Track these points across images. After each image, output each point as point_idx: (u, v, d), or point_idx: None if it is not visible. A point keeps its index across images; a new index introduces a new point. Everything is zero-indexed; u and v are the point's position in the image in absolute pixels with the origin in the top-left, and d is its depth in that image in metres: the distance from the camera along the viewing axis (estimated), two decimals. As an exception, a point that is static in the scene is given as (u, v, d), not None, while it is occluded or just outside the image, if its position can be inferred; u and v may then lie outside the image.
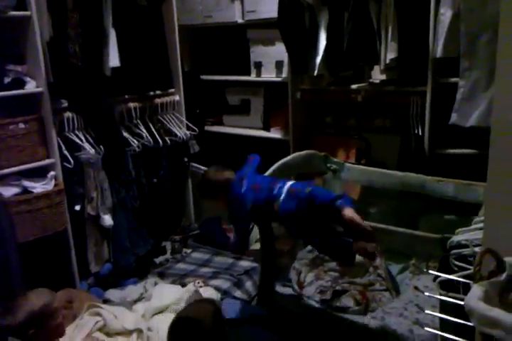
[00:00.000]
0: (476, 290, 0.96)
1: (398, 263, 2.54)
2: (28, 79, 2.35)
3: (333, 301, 2.25)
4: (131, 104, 2.81)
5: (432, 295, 1.19)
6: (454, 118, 2.42)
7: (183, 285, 2.56)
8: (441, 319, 1.53)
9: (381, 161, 2.81)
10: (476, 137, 2.52)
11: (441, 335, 1.69)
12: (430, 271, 1.28)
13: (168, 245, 3.09)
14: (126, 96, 2.83)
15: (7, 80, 2.31)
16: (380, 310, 2.15)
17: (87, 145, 2.53)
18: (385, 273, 2.40)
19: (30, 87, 2.35)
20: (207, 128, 3.54)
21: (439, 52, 2.41)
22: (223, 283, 2.56)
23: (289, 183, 1.98)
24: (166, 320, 2.21)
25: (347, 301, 2.24)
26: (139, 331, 2.17)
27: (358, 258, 2.43)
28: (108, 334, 2.14)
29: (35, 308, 1.73)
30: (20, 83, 2.33)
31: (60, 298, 2.29)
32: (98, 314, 2.23)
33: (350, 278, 2.38)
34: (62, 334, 1.83)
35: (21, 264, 2.22)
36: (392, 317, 2.06)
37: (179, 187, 3.20)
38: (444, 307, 1.36)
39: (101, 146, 2.60)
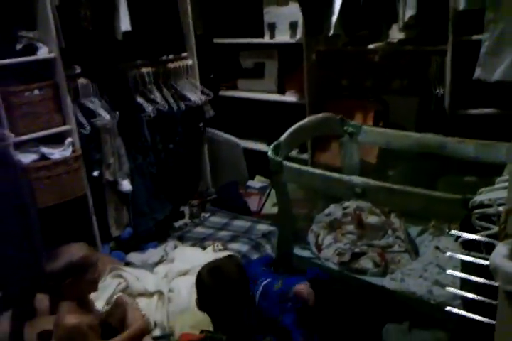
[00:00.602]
0: (502, 248, 0.95)
1: (417, 225, 2.54)
2: (40, 44, 2.32)
3: (351, 263, 2.26)
4: (144, 69, 2.78)
5: (454, 254, 1.18)
6: (478, 72, 2.33)
7: (203, 248, 2.60)
8: (462, 279, 1.53)
9: (399, 123, 2.76)
10: (498, 96, 2.45)
11: (462, 295, 1.70)
12: (452, 231, 1.26)
13: (186, 210, 3.12)
14: (139, 61, 2.80)
15: (19, 47, 2.28)
16: (399, 271, 2.16)
17: (102, 111, 2.52)
18: (404, 235, 2.40)
19: (43, 52, 2.32)
20: (221, 93, 3.49)
21: (462, 3, 2.30)
22: (242, 246, 2.59)
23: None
24: (187, 282, 2.25)
25: (365, 263, 2.25)
26: (160, 293, 2.22)
27: (375, 219, 2.45)
28: (130, 296, 2.20)
29: (75, 258, 1.75)
30: (32, 49, 2.30)
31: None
32: (120, 276, 2.28)
33: (368, 241, 2.38)
34: (95, 289, 1.86)
35: (42, 230, 2.27)
36: (412, 278, 2.07)
37: (195, 153, 3.20)
38: (466, 267, 1.36)
39: (116, 112, 2.58)
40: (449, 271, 1.23)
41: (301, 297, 1.86)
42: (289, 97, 3.18)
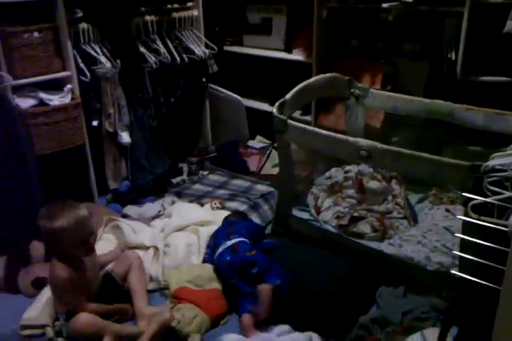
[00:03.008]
0: (523, 210, 0.92)
1: (417, 193, 2.53)
2: (41, -16, 2.21)
3: (349, 227, 2.26)
4: (148, 17, 2.65)
5: (466, 218, 1.15)
6: (509, 26, 2.20)
7: (201, 205, 2.58)
8: (462, 246, 1.53)
9: (408, 88, 2.69)
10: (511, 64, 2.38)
11: (461, 262, 1.70)
12: (463, 194, 1.24)
13: (184, 167, 3.08)
14: (143, 9, 2.67)
15: (19, -15, 2.17)
16: (397, 237, 2.16)
17: (103, 59, 2.42)
18: (403, 202, 2.39)
19: (43, -8, 2.21)
20: (226, 48, 3.38)
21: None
22: (240, 205, 2.56)
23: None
24: (184, 238, 2.25)
25: (364, 227, 2.24)
26: (156, 248, 2.21)
27: (376, 185, 2.44)
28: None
29: (81, 215, 1.77)
30: (33, -12, 2.19)
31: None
32: (117, 227, 2.27)
33: (368, 205, 2.37)
34: (86, 254, 1.84)
35: (39, 176, 2.23)
36: (410, 244, 2.07)
37: (196, 109, 3.13)
38: (468, 231, 1.34)
39: (118, 60, 2.49)
40: (457, 234, 1.21)
41: (260, 298, 1.86)
42: (296, 55, 3.08)
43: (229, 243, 2.04)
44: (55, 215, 1.73)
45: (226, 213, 2.43)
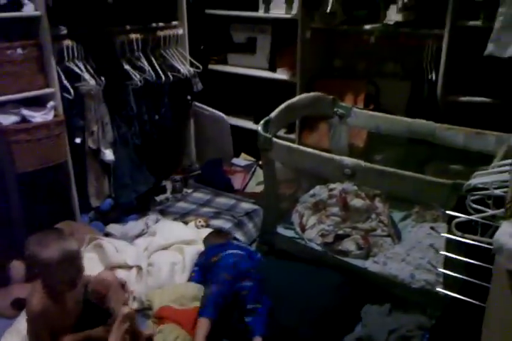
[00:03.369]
0: (507, 226, 0.93)
1: (401, 211, 2.54)
2: (26, 1, 2.21)
3: (334, 245, 2.26)
4: (133, 35, 2.67)
5: (451, 236, 1.16)
6: (490, 48, 2.24)
7: (185, 223, 2.56)
8: (446, 263, 1.54)
9: (390, 108, 2.73)
10: (490, 85, 2.44)
11: (445, 279, 1.71)
12: (447, 212, 1.25)
13: (168, 184, 3.06)
14: (128, 27, 2.69)
15: (3, 1, 2.16)
16: (382, 255, 2.16)
17: (87, 76, 2.42)
18: (387, 220, 2.40)
19: (28, 9, 2.21)
20: (210, 66, 3.40)
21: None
22: (224, 223, 2.55)
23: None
24: (168, 257, 2.22)
25: (349, 245, 2.24)
26: (140, 267, 2.18)
27: (360, 203, 2.45)
28: (107, 268, 2.16)
29: (72, 249, 1.66)
30: (17, 5, 2.18)
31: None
32: (99, 246, 2.23)
33: (352, 223, 2.37)
34: (69, 289, 1.72)
35: (20, 194, 2.20)
36: (394, 262, 2.08)
37: (181, 126, 3.13)
38: (451, 248, 1.35)
39: (102, 77, 2.49)
40: (442, 252, 1.21)
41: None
42: (280, 75, 3.11)
43: (231, 251, 2.06)
44: (45, 244, 1.62)
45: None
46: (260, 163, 2.91)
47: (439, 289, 1.23)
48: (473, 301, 1.15)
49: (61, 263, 1.61)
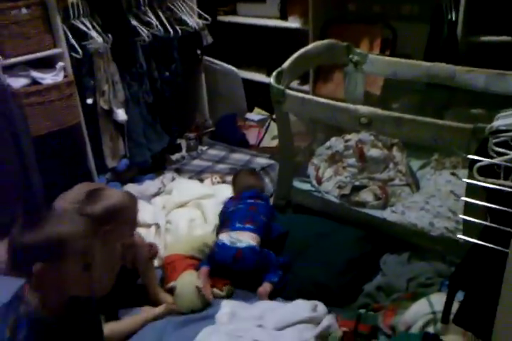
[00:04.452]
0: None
1: (419, 159, 2.50)
2: (26, -42, 2.13)
3: (351, 196, 2.24)
4: (139, -12, 2.58)
5: (472, 181, 1.13)
6: None
7: (201, 180, 2.56)
8: (466, 207, 1.51)
9: (407, 53, 2.63)
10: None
11: (465, 224, 1.69)
12: (469, 156, 1.21)
13: (183, 142, 3.05)
14: (133, -20, 2.60)
15: (3, -42, 2.10)
16: (400, 204, 2.14)
17: (94, 34, 2.36)
18: (405, 169, 2.37)
19: (30, -34, 2.14)
20: (219, 18, 3.29)
21: None
22: (241, 178, 2.54)
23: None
24: (185, 214, 2.24)
25: (366, 196, 2.22)
26: (158, 225, 2.20)
27: (377, 153, 2.41)
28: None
29: (114, 202, 1.59)
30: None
31: (80, 191, 2.30)
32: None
33: (369, 174, 2.35)
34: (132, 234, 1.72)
35: (36, 158, 2.20)
36: (413, 211, 2.06)
37: (192, 82, 3.07)
38: (472, 194, 1.32)
39: (109, 35, 2.43)
40: (463, 198, 1.18)
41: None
42: (292, 23, 3.00)
43: (236, 237, 1.95)
44: (107, 194, 1.58)
45: (227, 187, 2.41)
46: (274, 116, 2.86)
47: (459, 236, 1.20)
48: (495, 246, 1.12)
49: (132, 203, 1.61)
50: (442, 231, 1.91)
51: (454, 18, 2.38)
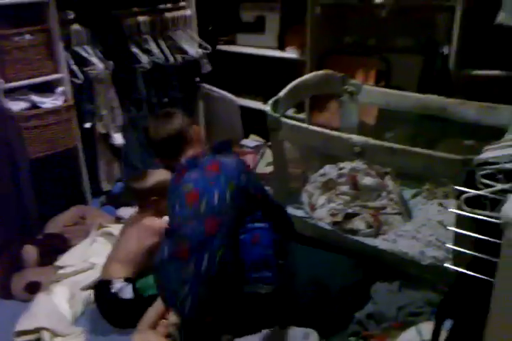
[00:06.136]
0: (516, 201, 0.92)
1: (411, 188, 2.52)
2: (32, -14, 2.21)
3: (344, 223, 2.25)
4: (141, 18, 2.67)
5: (459, 212, 1.15)
6: (501, 17, 2.16)
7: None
8: (456, 239, 1.53)
9: (401, 84, 2.69)
10: (505, 58, 2.38)
11: (454, 256, 1.70)
12: (456, 187, 1.23)
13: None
14: (135, 9, 2.68)
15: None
16: (392, 232, 2.15)
17: (95, 60, 2.43)
18: (397, 198, 2.39)
19: (36, -5, 2.21)
20: (219, 47, 3.37)
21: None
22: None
23: None
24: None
25: (358, 224, 2.23)
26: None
27: (370, 181, 2.43)
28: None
29: (161, 178, 1.99)
30: (24, -10, 2.19)
31: (73, 214, 2.32)
32: (109, 234, 2.25)
33: (362, 202, 2.37)
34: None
35: (32, 180, 2.23)
36: (404, 239, 2.07)
37: (190, 108, 3.12)
38: (461, 224, 1.34)
39: (110, 61, 2.49)
40: (450, 228, 1.20)
41: None
42: (290, 53, 3.07)
43: None
44: (156, 173, 2.04)
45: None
46: (269, 143, 2.90)
47: (446, 265, 1.22)
48: (481, 276, 1.14)
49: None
50: (432, 261, 1.91)
51: (446, 52, 2.45)
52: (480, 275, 1.17)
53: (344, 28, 3.05)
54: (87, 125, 2.46)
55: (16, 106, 2.21)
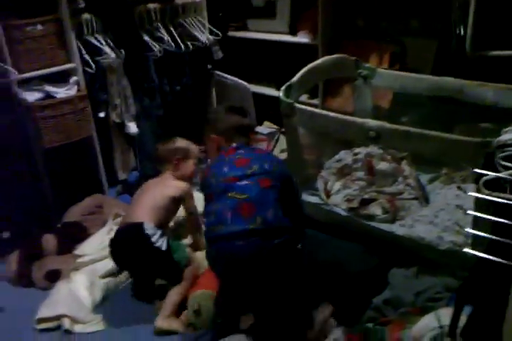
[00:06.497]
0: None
1: (429, 173, 2.49)
2: (42, -24, 2.21)
3: (360, 209, 2.24)
4: (151, 5, 2.64)
5: (477, 195, 1.13)
6: None
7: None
8: (474, 222, 1.51)
9: (416, 67, 2.64)
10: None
11: (473, 238, 1.68)
12: (475, 170, 1.21)
13: (193, 154, 3.07)
14: (146, -4, 2.66)
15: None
16: (409, 218, 2.13)
17: (107, 49, 2.42)
18: (414, 182, 2.36)
19: (46, -16, 2.21)
20: (230, 33, 3.34)
21: None
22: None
23: None
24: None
25: (375, 209, 2.21)
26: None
27: (386, 166, 2.41)
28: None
29: (183, 144, 2.30)
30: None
31: (90, 203, 2.34)
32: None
33: (378, 187, 2.34)
34: (193, 176, 2.33)
35: (48, 170, 2.25)
36: (421, 224, 2.05)
37: (203, 96, 3.11)
38: (480, 208, 1.32)
39: (122, 50, 2.48)
40: (469, 212, 1.18)
41: None
42: (301, 38, 3.03)
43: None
44: (178, 140, 2.35)
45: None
46: (283, 130, 2.88)
47: (465, 249, 1.20)
48: (501, 260, 1.12)
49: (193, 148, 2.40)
50: (450, 245, 1.89)
51: (462, 33, 2.40)
52: (500, 260, 1.15)
53: (356, 11, 2.99)
54: (101, 114, 2.47)
55: (31, 96, 2.23)
